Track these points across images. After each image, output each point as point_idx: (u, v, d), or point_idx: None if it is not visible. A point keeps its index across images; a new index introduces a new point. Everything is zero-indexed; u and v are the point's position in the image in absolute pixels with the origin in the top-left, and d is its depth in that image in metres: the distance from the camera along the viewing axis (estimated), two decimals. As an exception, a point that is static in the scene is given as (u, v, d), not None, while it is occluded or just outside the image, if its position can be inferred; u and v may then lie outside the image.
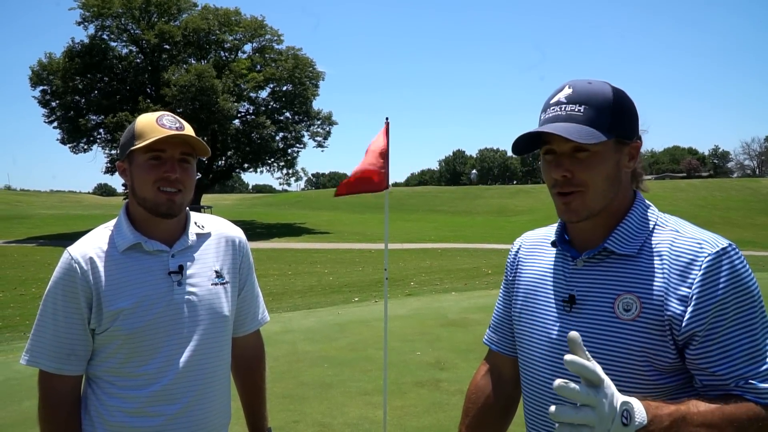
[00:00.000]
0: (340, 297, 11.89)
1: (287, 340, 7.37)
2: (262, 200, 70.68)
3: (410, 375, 5.86)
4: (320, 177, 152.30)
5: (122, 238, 1.72)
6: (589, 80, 1.32)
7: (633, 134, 1.33)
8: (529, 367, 1.45)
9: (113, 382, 1.69)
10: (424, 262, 18.47)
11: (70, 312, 1.67)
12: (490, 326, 1.69)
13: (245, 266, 1.92)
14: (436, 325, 8.05)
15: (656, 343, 1.25)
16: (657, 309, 1.24)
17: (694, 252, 1.25)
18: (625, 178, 1.36)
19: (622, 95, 1.32)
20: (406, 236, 27.20)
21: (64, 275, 1.68)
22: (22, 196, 68.75)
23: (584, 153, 1.28)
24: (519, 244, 1.61)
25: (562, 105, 1.30)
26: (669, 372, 1.27)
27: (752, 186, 57.06)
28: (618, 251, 1.32)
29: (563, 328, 1.35)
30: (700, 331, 1.21)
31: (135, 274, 1.69)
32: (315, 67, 41.40)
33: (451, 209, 46.38)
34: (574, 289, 1.35)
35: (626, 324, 1.27)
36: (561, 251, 1.43)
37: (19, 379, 5.71)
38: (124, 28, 38.61)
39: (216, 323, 1.78)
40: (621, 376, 1.26)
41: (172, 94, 34.16)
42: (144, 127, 1.68)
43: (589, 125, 1.26)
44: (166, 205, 1.69)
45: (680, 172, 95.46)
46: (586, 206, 1.31)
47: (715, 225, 41.00)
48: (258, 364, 2.05)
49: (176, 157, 1.70)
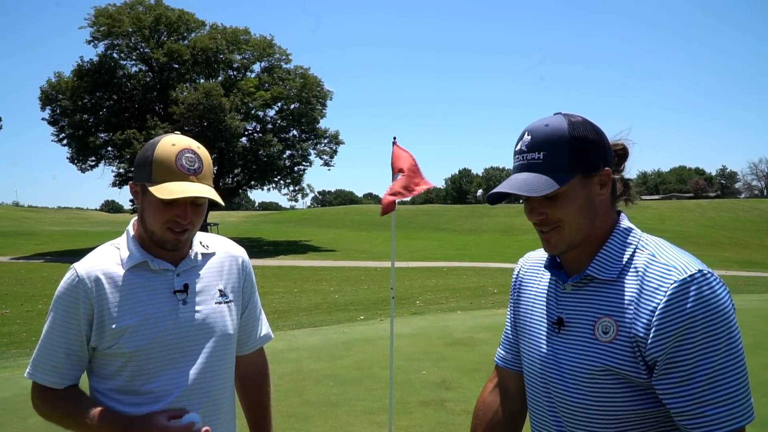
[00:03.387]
0: (346, 315, 11.86)
1: (292, 358, 7.35)
2: (269, 217, 70.86)
3: (416, 394, 5.82)
4: (326, 195, 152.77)
5: (129, 256, 1.73)
6: (546, 122, 1.36)
7: (597, 165, 1.36)
8: (528, 384, 1.52)
9: (119, 400, 1.69)
10: (430, 281, 18.43)
11: (68, 327, 1.68)
12: (501, 343, 1.73)
13: (248, 285, 1.94)
14: (441, 344, 8.01)
15: (630, 364, 1.29)
16: (628, 331, 1.29)
17: (662, 277, 1.27)
18: (602, 206, 1.40)
19: (579, 130, 1.34)
20: (412, 254, 27.18)
21: (66, 291, 1.69)
22: (29, 213, 69.13)
23: (553, 195, 1.34)
24: (521, 265, 1.66)
25: (524, 154, 1.37)
26: (649, 397, 1.30)
27: (760, 207, 56.84)
28: (599, 276, 1.37)
29: (552, 349, 1.43)
30: (660, 358, 1.24)
31: (140, 293, 1.70)
32: (323, 87, 41.72)
33: (457, 228, 46.34)
34: (563, 312, 1.42)
35: (604, 346, 1.32)
36: (552, 276, 1.49)
37: (26, 395, 5.67)
38: (134, 46, 39.07)
39: (221, 342, 1.79)
40: (607, 401, 1.32)
41: (180, 112, 34.42)
42: (162, 163, 1.65)
43: (548, 171, 1.32)
44: (172, 243, 1.70)
45: (687, 192, 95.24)
46: (564, 240, 1.37)
47: (722, 246, 40.81)
48: (262, 381, 2.05)
49: (188, 201, 1.69)
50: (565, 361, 1.39)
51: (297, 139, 41.64)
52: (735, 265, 27.56)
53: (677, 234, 45.21)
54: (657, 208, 59.44)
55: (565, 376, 1.38)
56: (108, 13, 37.20)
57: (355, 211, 69.40)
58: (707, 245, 40.76)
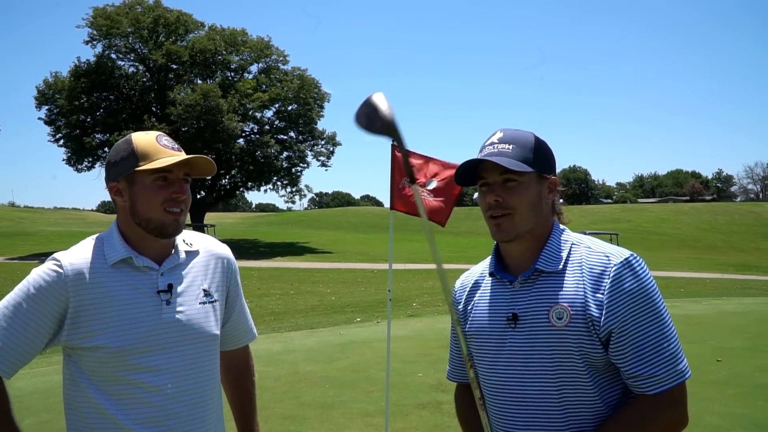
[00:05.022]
0: (342, 317, 11.85)
1: (288, 360, 7.31)
2: (266, 219, 70.83)
3: (412, 397, 5.82)
4: (324, 196, 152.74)
5: (113, 251, 1.69)
6: (516, 129, 1.62)
7: (551, 172, 1.61)
8: (487, 380, 1.62)
9: (103, 406, 1.64)
10: (427, 283, 18.44)
11: (29, 316, 1.60)
12: (450, 362, 1.87)
13: (233, 284, 1.91)
14: (438, 347, 7.99)
15: (587, 342, 1.46)
16: (581, 313, 1.47)
17: (603, 264, 1.50)
18: (546, 208, 1.61)
19: (541, 141, 1.60)
20: (408, 257, 27.15)
21: (43, 281, 1.62)
22: (25, 213, 68.91)
23: (512, 183, 1.54)
24: (458, 284, 1.82)
25: (495, 144, 1.58)
26: (606, 374, 1.50)
27: (756, 210, 57.03)
28: (546, 269, 1.55)
29: (512, 343, 1.55)
30: (614, 328, 1.44)
31: (123, 290, 1.66)
32: (320, 88, 41.77)
33: (454, 230, 46.30)
34: (516, 307, 1.57)
35: (561, 330, 1.48)
36: (498, 279, 1.64)
37: (20, 397, 5.68)
38: (131, 47, 39.10)
39: (205, 342, 1.76)
40: (567, 383, 1.48)
41: (178, 113, 34.43)
42: (146, 147, 1.68)
43: (516, 159, 1.53)
44: (172, 226, 1.69)
45: (683, 195, 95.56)
46: (514, 227, 1.55)
47: (718, 249, 40.88)
48: (247, 369, 2.03)
49: (181, 177, 1.70)
50: (528, 351, 1.51)
51: (294, 140, 41.68)
52: (731, 269, 27.60)
53: (673, 237, 45.25)
54: (653, 211, 59.54)
55: (530, 365, 1.51)
56: (106, 13, 37.25)
57: (352, 213, 69.43)
58: (703, 248, 40.80)
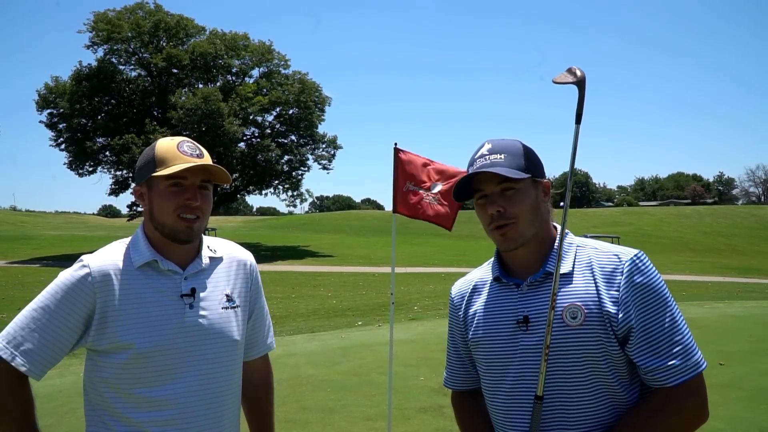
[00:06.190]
0: (344, 321, 11.84)
1: (290, 364, 7.33)
2: (267, 223, 70.83)
3: (414, 400, 5.81)
4: (324, 200, 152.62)
5: (139, 254, 1.72)
6: (502, 138, 1.64)
7: (543, 176, 1.62)
8: (495, 385, 1.61)
9: (122, 409, 1.65)
10: (428, 287, 18.42)
11: (58, 318, 1.63)
12: (447, 369, 1.86)
13: (255, 290, 1.92)
14: (439, 350, 7.97)
15: (605, 339, 1.48)
16: (597, 310, 1.49)
17: (614, 262, 1.53)
18: (544, 211, 1.62)
19: (529, 147, 1.62)
20: (410, 260, 27.16)
21: (72, 282, 1.65)
22: (27, 217, 69.03)
23: (511, 191, 1.55)
24: (455, 291, 1.81)
25: (486, 156, 1.59)
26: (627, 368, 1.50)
27: (757, 213, 56.99)
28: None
29: (524, 346, 1.55)
30: (633, 322, 1.47)
31: (148, 293, 1.68)
32: (321, 92, 41.78)
33: (456, 233, 46.13)
34: (526, 310, 1.56)
35: (576, 330, 1.49)
36: (504, 284, 1.64)
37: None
38: (132, 51, 39.14)
39: (227, 347, 1.76)
40: (589, 381, 1.48)
41: (179, 117, 34.44)
42: (165, 153, 1.70)
43: (510, 167, 1.55)
44: (185, 232, 1.70)
45: (685, 198, 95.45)
46: (520, 234, 1.56)
47: (720, 252, 40.85)
48: (266, 389, 2.03)
49: (197, 184, 1.71)
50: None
51: (295, 144, 41.69)
52: (733, 272, 27.57)
53: (675, 240, 45.22)
54: (655, 215, 59.52)
55: (548, 366, 1.49)
56: (107, 18, 37.28)
57: (353, 216, 69.43)
58: (705, 251, 40.76)
